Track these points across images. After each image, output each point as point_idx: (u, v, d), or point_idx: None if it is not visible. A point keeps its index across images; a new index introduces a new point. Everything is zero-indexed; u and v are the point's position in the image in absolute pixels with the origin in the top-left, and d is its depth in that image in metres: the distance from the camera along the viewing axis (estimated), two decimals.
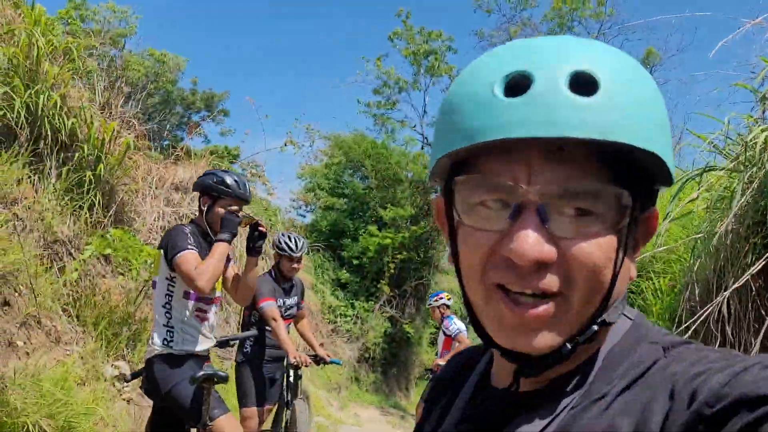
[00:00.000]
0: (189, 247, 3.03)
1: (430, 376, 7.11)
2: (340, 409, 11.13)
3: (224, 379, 2.85)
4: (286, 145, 12.95)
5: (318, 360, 4.78)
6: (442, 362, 6.51)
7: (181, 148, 8.33)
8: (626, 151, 0.54)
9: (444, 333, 6.84)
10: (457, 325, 6.69)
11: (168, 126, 17.32)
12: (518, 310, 0.56)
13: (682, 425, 0.49)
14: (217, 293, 3.31)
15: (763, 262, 3.38)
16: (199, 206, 3.32)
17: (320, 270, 14.69)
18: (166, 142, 15.56)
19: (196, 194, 3.52)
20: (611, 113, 0.53)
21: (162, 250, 3.13)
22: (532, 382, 0.63)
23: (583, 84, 0.53)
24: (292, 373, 4.48)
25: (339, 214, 15.64)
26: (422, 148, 17.04)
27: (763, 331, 2.90)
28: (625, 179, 0.56)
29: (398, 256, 15.08)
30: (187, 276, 2.97)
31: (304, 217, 17.16)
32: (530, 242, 0.54)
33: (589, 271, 0.55)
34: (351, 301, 14.89)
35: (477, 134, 0.55)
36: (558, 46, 0.57)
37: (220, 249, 3.02)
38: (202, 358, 3.24)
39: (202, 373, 3.00)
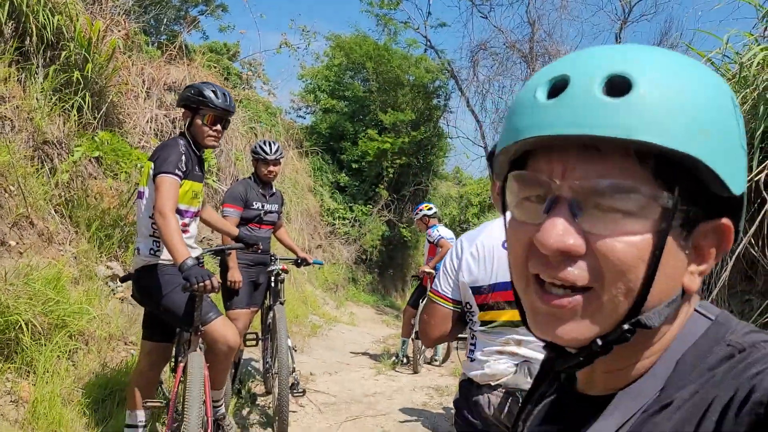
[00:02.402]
0: (176, 172, 3.04)
1: (416, 281, 7.30)
2: (336, 308, 11.52)
3: (215, 289, 2.92)
4: (281, 46, 12.62)
5: (299, 263, 4.92)
6: (427, 269, 6.69)
7: (174, 46, 8.12)
8: (673, 156, 0.55)
9: (428, 240, 7.01)
10: (439, 232, 6.84)
11: (165, 20, 16.80)
12: (547, 298, 0.60)
13: (736, 425, 0.50)
14: (196, 208, 3.37)
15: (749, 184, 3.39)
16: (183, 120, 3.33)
17: (319, 173, 14.74)
18: (164, 38, 15.16)
19: None
20: (640, 113, 0.54)
21: (152, 162, 3.14)
22: (608, 387, 0.65)
23: (618, 86, 0.55)
24: (273, 278, 4.63)
25: (339, 116, 15.47)
26: (425, 51, 16.61)
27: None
28: (670, 182, 0.56)
29: (397, 160, 15.08)
30: (158, 201, 2.98)
31: (304, 118, 17.01)
32: (554, 232, 0.57)
33: (618, 269, 0.56)
34: (349, 204, 15.04)
35: (520, 133, 0.60)
36: (603, 51, 0.60)
37: (176, 251, 2.90)
38: None
39: (198, 254, 3.13)
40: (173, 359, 3.51)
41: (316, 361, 6.54)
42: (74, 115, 5.15)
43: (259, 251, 4.06)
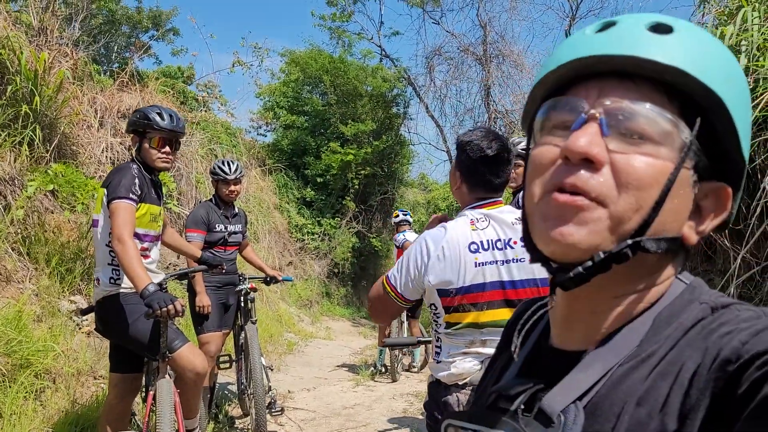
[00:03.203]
0: (129, 196, 2.99)
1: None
2: (311, 323, 11.44)
3: (179, 313, 2.88)
4: (234, 65, 12.54)
5: (269, 281, 4.89)
6: None
7: (126, 73, 8.01)
8: (698, 99, 0.60)
9: (396, 246, 7.10)
10: (405, 236, 6.90)
11: (116, 47, 16.59)
12: (561, 197, 0.61)
13: (707, 382, 0.52)
14: (156, 231, 3.32)
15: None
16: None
17: (284, 189, 14.66)
18: (116, 65, 14.96)
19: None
20: (682, 48, 0.60)
21: (105, 189, 3.09)
22: (585, 341, 0.66)
23: (662, 28, 0.61)
24: (242, 298, 4.60)
25: (300, 132, 15.43)
26: (380, 61, 16.68)
27: None
28: (692, 121, 0.61)
29: (362, 171, 15.08)
30: (114, 228, 2.94)
31: (265, 136, 16.92)
32: (582, 139, 0.60)
33: (633, 185, 0.59)
34: (317, 219, 14.98)
35: (563, 57, 0.64)
36: (644, 13, 0.65)
37: (136, 278, 2.84)
38: None
39: (160, 279, 3.10)
40: (143, 389, 3.45)
41: (294, 379, 6.48)
42: (25, 150, 5.05)
43: (223, 271, 4.01)
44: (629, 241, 0.59)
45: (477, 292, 1.97)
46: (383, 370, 6.96)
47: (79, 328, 4.68)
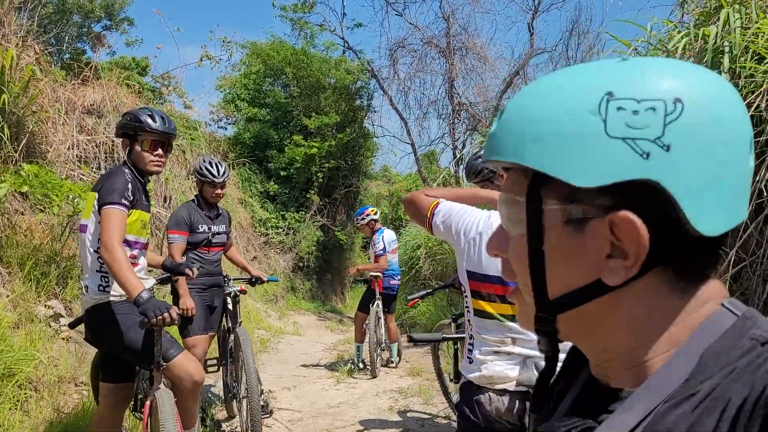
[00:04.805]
0: (122, 202, 2.90)
1: (363, 285, 7.30)
2: (278, 319, 11.35)
3: (175, 321, 2.81)
4: (202, 60, 12.27)
5: (254, 282, 4.83)
6: (374, 273, 6.75)
7: (89, 66, 7.75)
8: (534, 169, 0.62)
9: (373, 250, 6.98)
10: (383, 243, 6.87)
11: (67, 38, 16.00)
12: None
13: (753, 419, 0.52)
14: (145, 239, 3.24)
15: None
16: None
17: (247, 183, 14.47)
18: (67, 56, 14.44)
19: (113, 118, 3.34)
20: (501, 138, 0.64)
21: (96, 193, 2.99)
22: (633, 380, 0.64)
23: (499, 115, 0.65)
24: (230, 300, 4.52)
25: (262, 125, 15.21)
26: (344, 53, 16.55)
27: None
28: (538, 188, 0.63)
29: (326, 164, 15.00)
30: (103, 234, 2.84)
31: (226, 129, 16.63)
32: (490, 241, 0.69)
33: (515, 269, 0.67)
34: (281, 213, 14.84)
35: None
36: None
37: (129, 285, 2.76)
38: None
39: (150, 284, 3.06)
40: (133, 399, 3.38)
41: (272, 377, 6.42)
42: None
43: (193, 276, 3.82)
44: (540, 314, 0.66)
45: (498, 284, 2.03)
46: (362, 366, 6.96)
47: (58, 334, 4.54)
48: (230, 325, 4.52)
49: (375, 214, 7.09)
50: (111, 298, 3.05)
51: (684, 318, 0.63)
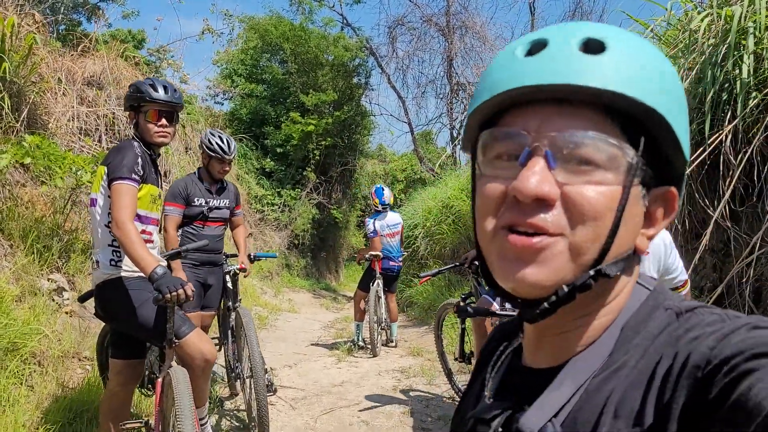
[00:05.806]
0: (132, 176, 2.84)
1: (365, 264, 7.28)
2: (274, 296, 11.34)
3: (190, 298, 2.75)
4: (203, 33, 12.06)
5: (252, 258, 4.71)
6: (374, 253, 6.74)
7: (88, 38, 7.59)
8: (637, 116, 0.59)
9: (371, 234, 6.98)
10: (374, 226, 6.86)
11: (63, 9, 15.73)
12: (519, 240, 0.59)
13: (678, 389, 0.53)
14: (156, 213, 3.18)
15: (699, 150, 3.54)
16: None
17: (243, 159, 14.36)
18: (62, 27, 14.20)
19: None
20: (615, 69, 0.58)
21: (105, 167, 2.92)
22: (556, 358, 0.66)
23: (594, 46, 0.59)
24: (229, 279, 4.45)
25: (259, 101, 15.07)
26: (342, 30, 16.36)
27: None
28: (634, 139, 0.60)
29: (323, 142, 14.91)
30: (114, 211, 2.79)
31: (222, 104, 16.45)
32: (532, 179, 0.58)
33: (588, 217, 0.58)
34: (277, 190, 14.77)
35: (498, 86, 0.61)
36: (576, 23, 0.63)
37: (142, 261, 2.71)
38: None
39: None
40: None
41: (272, 355, 6.40)
42: None
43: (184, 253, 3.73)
44: (591, 272, 0.60)
45: None
46: (362, 344, 6.96)
47: (61, 308, 4.48)
48: (231, 303, 4.44)
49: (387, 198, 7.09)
50: (123, 273, 2.99)
51: (621, 295, 0.66)
